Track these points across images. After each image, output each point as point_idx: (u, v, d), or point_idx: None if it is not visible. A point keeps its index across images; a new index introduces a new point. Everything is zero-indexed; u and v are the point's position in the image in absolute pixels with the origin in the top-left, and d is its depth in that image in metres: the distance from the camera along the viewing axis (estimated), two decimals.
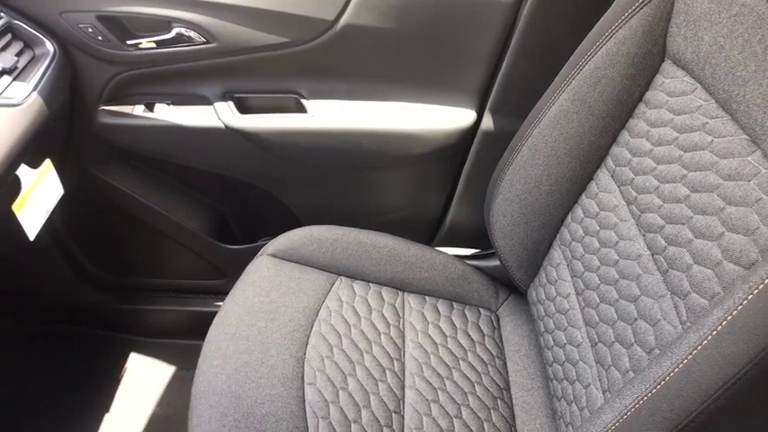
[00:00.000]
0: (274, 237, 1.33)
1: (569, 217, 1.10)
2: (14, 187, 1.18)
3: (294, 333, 1.14)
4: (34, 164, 1.22)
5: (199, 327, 1.73)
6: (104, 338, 1.78)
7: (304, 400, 1.04)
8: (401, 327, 1.21)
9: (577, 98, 1.02)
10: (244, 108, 1.37)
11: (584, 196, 1.07)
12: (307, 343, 1.13)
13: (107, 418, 1.60)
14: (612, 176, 1.01)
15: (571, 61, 1.03)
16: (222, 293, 1.73)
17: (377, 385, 1.10)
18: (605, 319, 0.95)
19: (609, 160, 1.02)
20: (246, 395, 1.02)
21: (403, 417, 1.07)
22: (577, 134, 1.04)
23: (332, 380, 1.08)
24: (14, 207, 1.19)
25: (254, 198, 1.56)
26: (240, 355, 1.09)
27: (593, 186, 1.05)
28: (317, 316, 1.18)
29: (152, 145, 1.42)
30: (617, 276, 0.94)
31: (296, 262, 1.27)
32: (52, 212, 1.32)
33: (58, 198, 1.33)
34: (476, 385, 1.15)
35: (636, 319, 0.88)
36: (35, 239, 1.27)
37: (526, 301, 1.28)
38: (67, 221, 1.57)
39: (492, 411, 1.12)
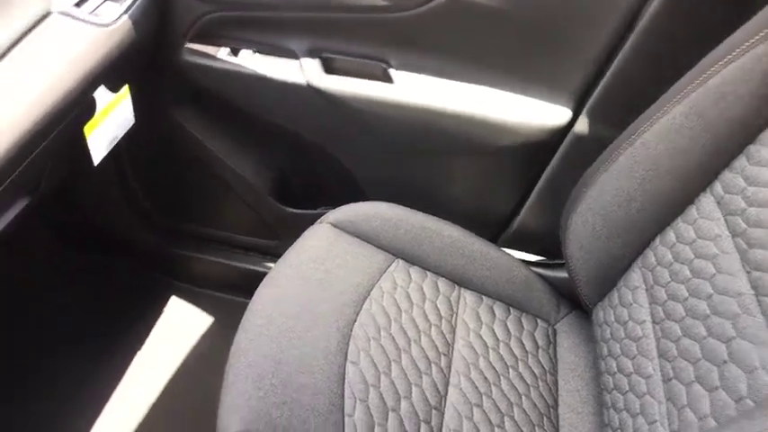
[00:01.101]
0: (334, 206, 1.28)
1: (658, 239, 1.01)
2: (89, 109, 1.16)
3: (344, 308, 1.09)
4: (113, 88, 1.21)
5: (244, 284, 1.71)
6: (150, 279, 1.78)
7: (344, 379, 0.99)
8: (453, 322, 1.15)
9: (694, 112, 0.93)
10: (329, 68, 1.32)
11: (679, 220, 0.98)
12: (355, 320, 1.08)
13: (141, 355, 1.60)
14: (719, 204, 0.91)
15: (693, 71, 0.94)
16: (272, 255, 1.70)
17: (420, 377, 1.04)
18: (686, 355, 0.86)
19: (717, 185, 0.93)
20: (287, 361, 0.98)
21: (443, 414, 1.01)
22: (686, 151, 0.95)
23: (375, 363, 1.03)
24: (86, 129, 1.18)
25: (321, 163, 1.52)
26: (286, 319, 1.05)
27: (692, 211, 0.96)
28: (368, 295, 1.13)
29: (230, 91, 1.39)
30: (708, 312, 0.85)
31: (355, 236, 1.22)
32: (118, 143, 1.30)
33: (128, 128, 1.31)
34: (523, 398, 1.08)
35: (725, 362, 0.79)
36: (98, 167, 1.26)
37: (589, 320, 1.19)
38: (132, 155, 1.56)
39: (536, 428, 1.05)
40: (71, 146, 1.20)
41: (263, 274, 1.76)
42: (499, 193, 1.44)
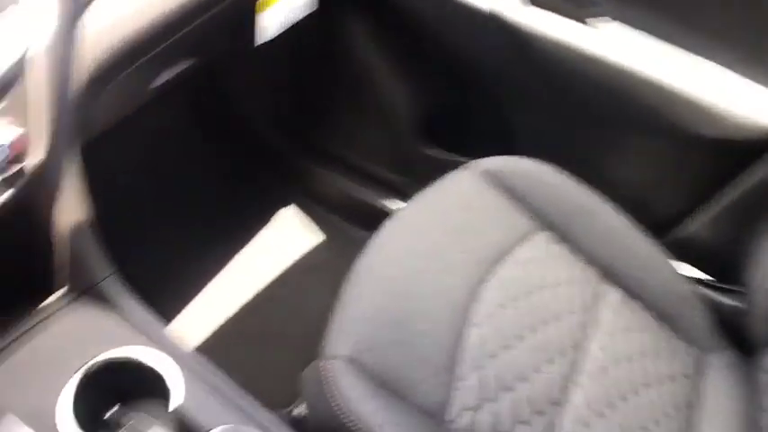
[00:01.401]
0: (485, 156, 1.16)
1: None
2: None
3: (477, 264, 0.98)
4: None
5: (363, 214, 1.65)
6: (275, 185, 1.75)
7: (463, 339, 0.89)
8: (591, 316, 1.00)
9: None
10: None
11: None
12: (485, 281, 0.97)
13: (250, 254, 1.58)
14: None
15: None
16: (400, 193, 1.61)
17: (545, 364, 0.91)
18: None
19: None
20: (410, 301, 0.89)
21: (561, 413, 0.88)
22: None
23: (500, 333, 0.92)
24: (258, 5, 1.12)
25: (480, 106, 1.39)
26: (417, 257, 0.95)
27: None
28: (504, 257, 1.01)
29: (407, 7, 1.28)
30: None
31: (505, 191, 1.09)
32: (285, 35, 1.24)
33: (306, 13, 1.23)
34: (653, 424, 0.92)
35: None
36: (258, 52, 1.20)
37: (750, 362, 1.01)
38: (295, 52, 1.50)
39: None
40: (238, 22, 1.15)
41: (384, 209, 1.74)
42: (673, 188, 1.24)
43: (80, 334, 0.78)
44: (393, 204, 1.63)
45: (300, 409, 0.97)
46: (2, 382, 0.49)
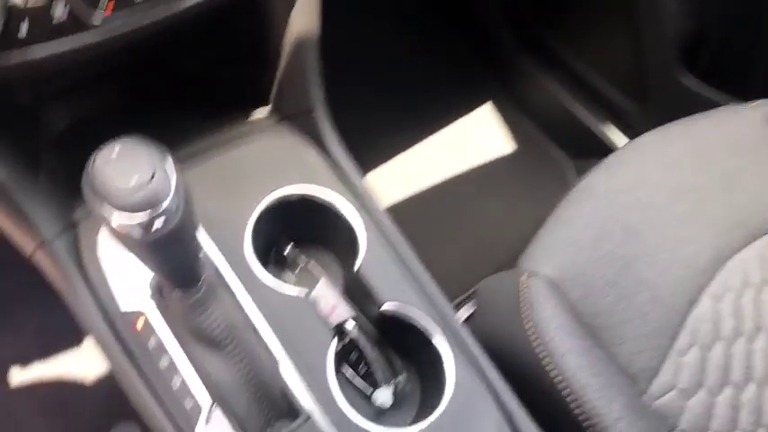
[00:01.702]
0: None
1: None
2: None
3: (735, 227, 0.77)
4: None
5: (572, 134, 1.45)
6: (492, 85, 1.58)
7: (693, 307, 0.71)
8: None
9: None
10: None
11: None
12: (739, 250, 0.76)
13: (445, 141, 1.47)
14: None
15: None
16: (628, 124, 1.37)
17: None
18: None
19: None
20: (641, 240, 0.73)
21: None
22: None
23: (740, 315, 0.72)
24: None
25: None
26: (662, 192, 0.77)
27: None
28: None
29: None
30: None
31: None
32: None
33: None
34: None
35: None
36: None
37: None
38: None
39: None
40: None
41: (599, 135, 1.53)
42: None
43: (276, 159, 0.71)
44: (610, 132, 1.41)
45: (467, 310, 0.87)
46: (195, 187, 0.44)
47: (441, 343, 0.61)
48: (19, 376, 1.10)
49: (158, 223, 0.42)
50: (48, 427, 1.06)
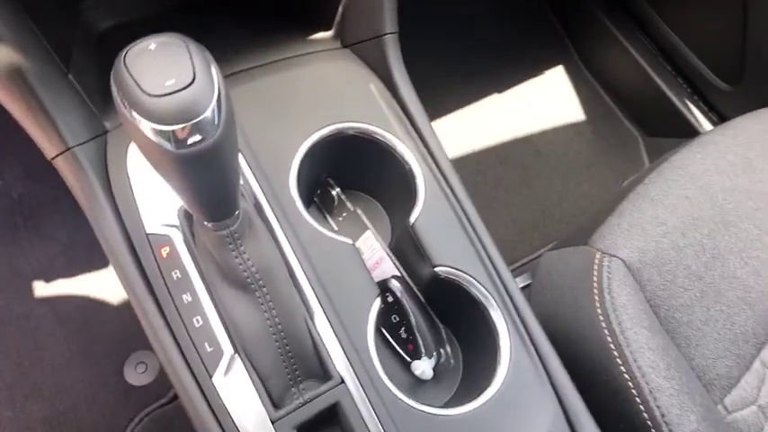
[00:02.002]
0: None
1: None
2: None
3: None
4: None
5: (653, 115, 1.33)
6: (567, 47, 1.46)
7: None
8: None
9: None
10: None
11: None
12: None
13: (515, 98, 1.37)
14: None
15: None
16: (721, 102, 1.24)
17: None
18: None
19: None
20: (741, 233, 0.63)
21: None
22: None
23: None
24: None
25: None
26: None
27: None
28: None
29: None
30: None
31: None
32: None
33: None
34: None
35: None
36: None
37: None
38: None
39: None
40: None
41: (677, 111, 1.40)
42: None
43: (335, 88, 0.63)
44: (692, 111, 1.28)
45: (521, 281, 0.79)
46: (240, 106, 0.38)
47: (498, 318, 0.53)
48: (43, 287, 1.07)
49: (194, 138, 0.35)
50: (65, 340, 1.03)
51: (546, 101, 1.38)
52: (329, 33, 0.69)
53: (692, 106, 1.30)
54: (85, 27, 0.66)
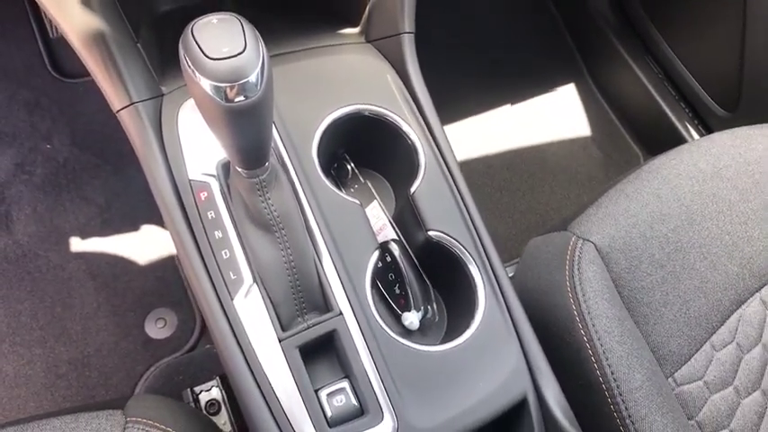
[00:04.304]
0: None
1: None
2: None
3: None
4: None
5: (666, 140, 1.40)
6: (575, 62, 1.55)
7: (736, 308, 0.70)
8: None
9: None
10: None
11: None
12: None
13: (521, 109, 1.46)
14: None
15: None
16: (719, 127, 1.32)
17: None
18: None
19: None
20: (697, 228, 0.71)
21: None
22: None
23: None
24: None
25: None
26: (735, 188, 0.74)
27: None
28: None
29: None
30: None
31: None
32: None
33: None
34: None
35: None
36: None
37: None
38: None
39: None
40: None
41: (677, 132, 1.43)
42: None
43: (356, 76, 0.73)
44: (692, 134, 1.36)
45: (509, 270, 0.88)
46: (276, 82, 0.47)
47: (476, 274, 0.62)
48: (79, 243, 1.18)
49: (240, 96, 0.45)
50: (95, 291, 1.14)
51: (555, 114, 1.47)
52: (355, 29, 0.79)
53: (691, 129, 1.38)
54: (151, 8, 0.77)
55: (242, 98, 0.46)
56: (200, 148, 0.62)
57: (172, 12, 0.78)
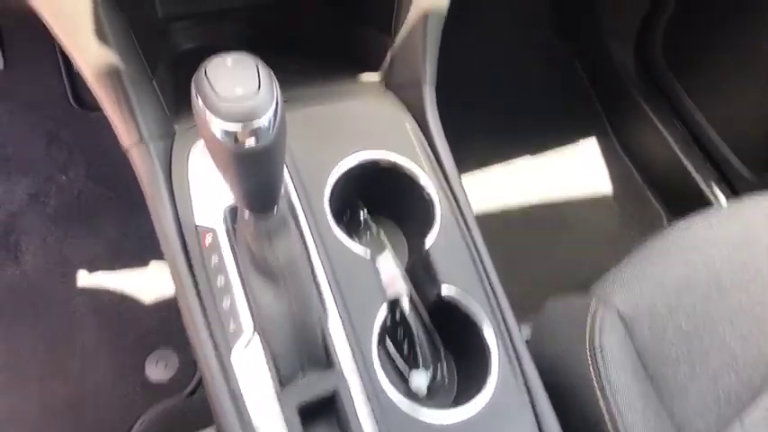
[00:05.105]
0: None
1: None
2: None
3: None
4: None
5: (691, 203, 1.38)
6: (600, 118, 1.55)
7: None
8: None
9: None
10: None
11: None
12: None
13: (544, 164, 1.44)
14: None
15: None
16: (748, 190, 1.28)
17: None
18: None
19: None
20: (727, 300, 0.67)
21: None
22: None
23: None
24: None
25: None
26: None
27: None
28: None
29: None
30: None
31: None
32: None
33: None
34: None
35: None
36: None
37: None
38: None
39: None
40: None
41: (704, 195, 1.37)
42: None
43: (375, 122, 0.71)
44: (719, 197, 1.32)
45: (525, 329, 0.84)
46: (291, 125, 0.46)
47: (490, 336, 0.58)
48: (85, 277, 1.16)
49: (251, 139, 0.43)
50: (98, 328, 1.11)
51: (577, 170, 1.44)
52: (376, 75, 0.78)
53: (717, 191, 1.35)
54: (170, 45, 0.77)
55: (253, 142, 0.43)
56: (209, 191, 0.60)
57: (190, 51, 0.78)
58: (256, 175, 0.47)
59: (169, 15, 0.74)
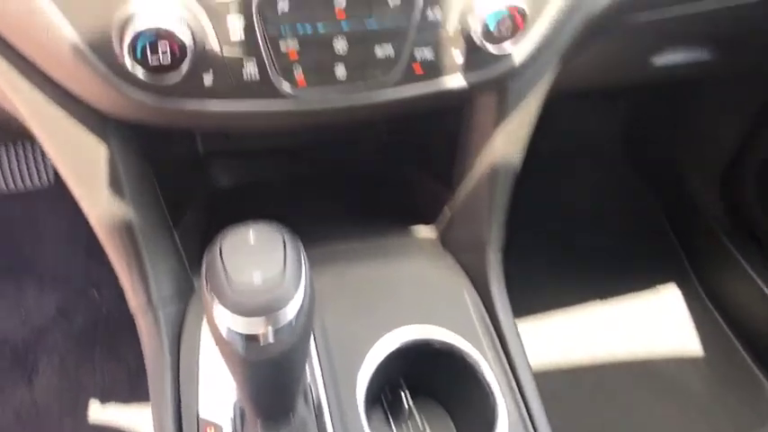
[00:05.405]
0: None
1: None
2: None
3: None
4: None
5: None
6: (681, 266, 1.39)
7: None
8: None
9: None
10: None
11: None
12: None
13: (619, 317, 1.29)
14: None
15: None
16: None
17: None
18: None
19: None
20: None
21: None
22: None
23: None
24: None
25: None
26: None
27: None
28: None
29: None
30: None
31: None
32: None
33: None
34: None
35: None
36: None
37: None
38: None
39: None
40: None
41: None
42: None
43: (428, 290, 0.60)
44: None
45: None
46: (325, 295, 0.36)
47: None
48: (97, 409, 1.06)
49: (269, 340, 0.33)
50: None
51: (654, 322, 1.27)
52: (431, 230, 0.68)
53: None
54: (206, 181, 0.69)
55: (269, 342, 0.33)
56: (222, 375, 0.49)
57: (228, 189, 0.70)
58: (272, 381, 0.37)
59: (211, 152, 0.67)
